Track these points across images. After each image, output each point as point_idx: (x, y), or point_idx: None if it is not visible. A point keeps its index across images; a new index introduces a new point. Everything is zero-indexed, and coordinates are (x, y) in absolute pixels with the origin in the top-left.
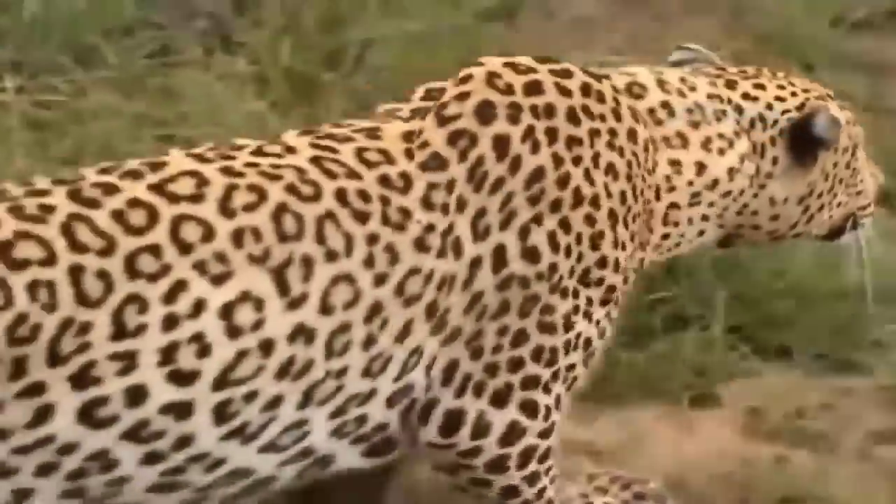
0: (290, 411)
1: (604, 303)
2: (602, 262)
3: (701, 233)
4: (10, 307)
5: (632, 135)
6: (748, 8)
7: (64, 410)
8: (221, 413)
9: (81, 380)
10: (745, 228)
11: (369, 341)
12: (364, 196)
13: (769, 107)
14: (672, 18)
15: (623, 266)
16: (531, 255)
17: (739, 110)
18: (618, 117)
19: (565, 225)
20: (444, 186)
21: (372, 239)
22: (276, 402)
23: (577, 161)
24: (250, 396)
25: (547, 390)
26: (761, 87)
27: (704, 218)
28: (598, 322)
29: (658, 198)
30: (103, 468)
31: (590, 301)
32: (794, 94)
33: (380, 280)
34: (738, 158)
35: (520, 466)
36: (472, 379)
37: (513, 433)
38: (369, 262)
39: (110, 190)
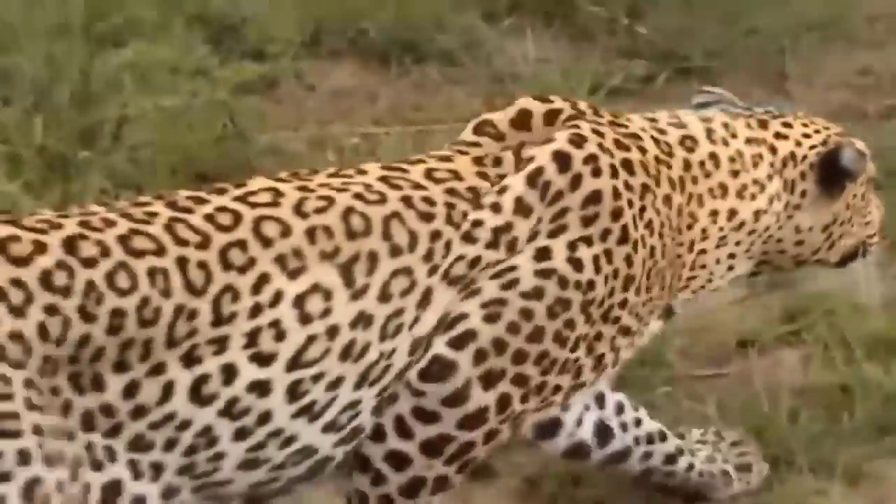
0: (349, 391)
1: (612, 340)
2: (623, 304)
3: (730, 268)
4: (135, 291)
5: (667, 200)
6: (507, 77)
7: (180, 388)
8: (294, 391)
9: (190, 360)
10: (771, 254)
11: (416, 322)
12: (429, 201)
13: (798, 144)
14: (432, 88)
15: (639, 315)
16: (576, 263)
17: (774, 151)
18: (658, 183)
19: (609, 255)
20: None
21: (434, 236)
22: (337, 382)
23: (630, 204)
24: (318, 377)
25: (525, 399)
26: (789, 125)
27: (731, 256)
28: (599, 357)
29: (691, 250)
30: (207, 444)
31: (599, 336)
32: (817, 132)
33: (433, 270)
34: (768, 200)
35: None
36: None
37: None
38: (428, 256)
39: (201, 200)
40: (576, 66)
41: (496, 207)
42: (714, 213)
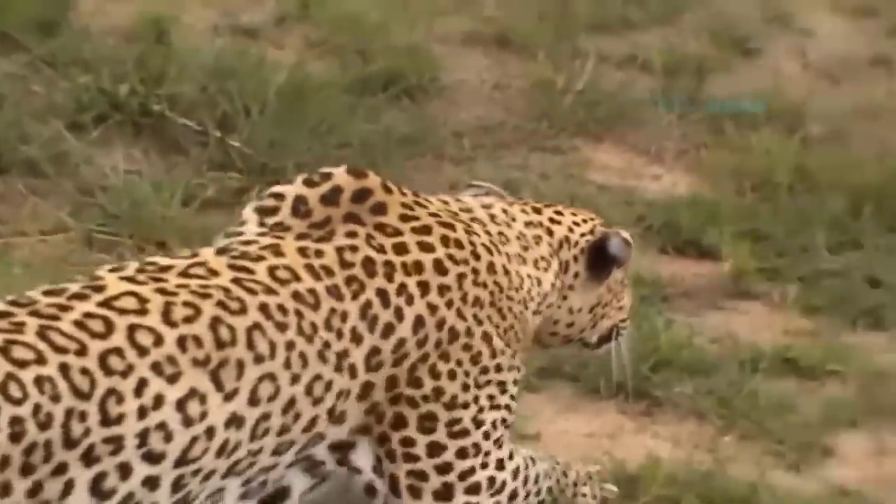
0: (217, 481)
1: (503, 391)
2: (485, 370)
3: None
4: (27, 398)
5: (491, 267)
6: (96, 188)
7: (80, 484)
8: (177, 485)
9: (88, 459)
10: (545, 335)
11: (283, 430)
12: (282, 309)
13: (570, 230)
14: (16, 199)
15: (508, 364)
16: (416, 383)
17: (550, 233)
18: (476, 257)
19: (445, 356)
20: (339, 315)
21: (289, 346)
22: (210, 474)
23: (448, 305)
24: (196, 472)
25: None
26: (560, 213)
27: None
28: (506, 405)
29: (526, 307)
30: None
31: (491, 396)
32: (584, 221)
33: (294, 379)
34: (553, 275)
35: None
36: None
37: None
38: (287, 364)
39: (65, 308)
40: (168, 177)
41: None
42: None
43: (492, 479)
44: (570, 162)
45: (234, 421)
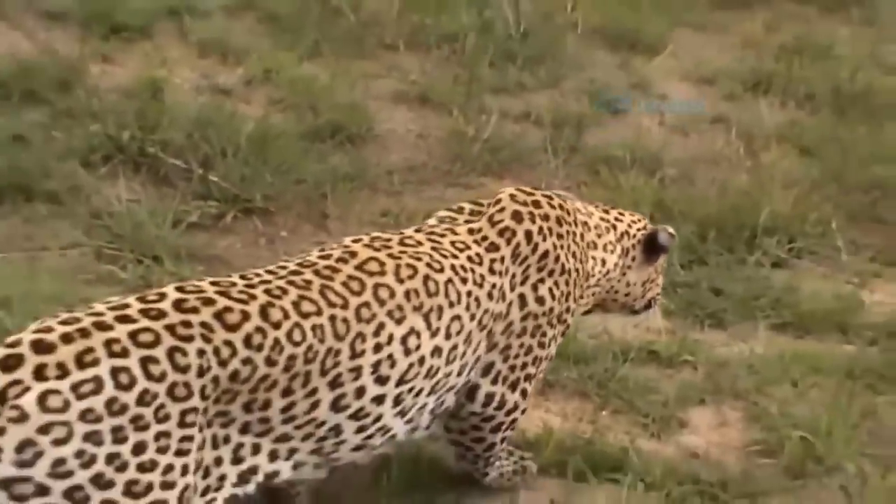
0: (423, 398)
1: (562, 335)
2: (568, 310)
3: (587, 299)
4: (304, 342)
5: (581, 237)
6: (104, 213)
7: (324, 403)
8: (397, 400)
9: (334, 385)
10: (608, 301)
11: (464, 354)
12: (464, 269)
13: (630, 225)
14: (40, 221)
15: (572, 313)
16: (540, 300)
17: (615, 228)
18: (574, 224)
19: (556, 284)
20: (498, 260)
21: (469, 294)
22: (419, 392)
23: (562, 246)
24: (411, 390)
25: (530, 380)
26: (622, 213)
27: (594, 294)
28: (553, 347)
29: (587, 278)
30: (335, 436)
31: (555, 336)
32: (639, 220)
33: (472, 318)
34: (617, 257)
35: (507, 429)
36: (500, 373)
37: (515, 408)
38: (468, 307)
39: (335, 269)
40: (160, 205)
41: (499, 273)
42: (594, 259)
43: (524, 391)
44: (478, 195)
45: (436, 351)
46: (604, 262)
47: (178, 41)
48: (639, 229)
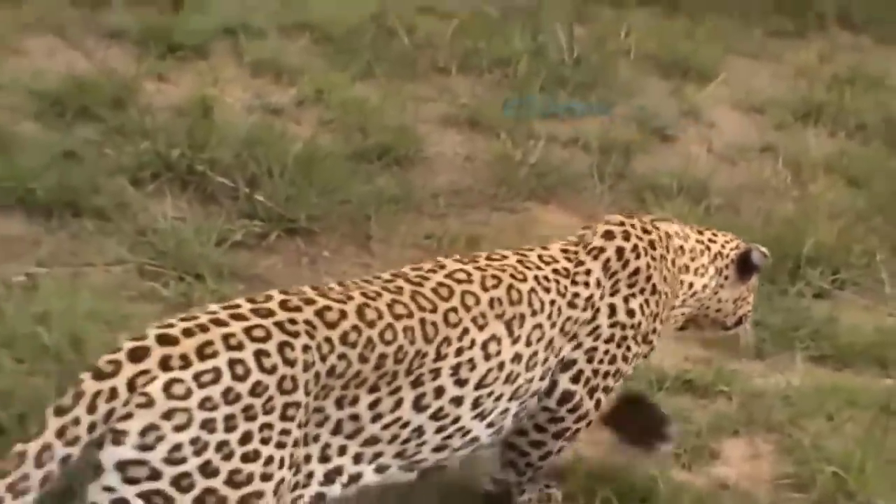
0: (504, 403)
1: (644, 356)
2: (654, 331)
3: (676, 319)
4: (394, 342)
5: (673, 263)
6: (149, 231)
7: (407, 402)
8: (476, 403)
9: (416, 384)
10: (700, 318)
11: (545, 360)
12: (547, 279)
13: (723, 246)
14: (87, 237)
15: (657, 335)
16: (630, 313)
17: (709, 249)
18: (667, 249)
19: (647, 302)
20: (583, 273)
21: (552, 302)
22: (500, 397)
23: (654, 268)
24: (490, 394)
25: (606, 393)
26: (715, 234)
27: (682, 314)
28: (633, 365)
29: (674, 301)
30: (418, 436)
31: (637, 355)
32: (731, 240)
33: (552, 325)
34: (709, 278)
35: (568, 438)
36: (583, 374)
37: (584, 416)
38: (550, 315)
39: (425, 278)
40: (205, 223)
41: (585, 284)
42: (683, 283)
43: (598, 402)
44: (523, 220)
45: (517, 357)
46: (691, 286)
47: (233, 61)
48: (732, 249)
